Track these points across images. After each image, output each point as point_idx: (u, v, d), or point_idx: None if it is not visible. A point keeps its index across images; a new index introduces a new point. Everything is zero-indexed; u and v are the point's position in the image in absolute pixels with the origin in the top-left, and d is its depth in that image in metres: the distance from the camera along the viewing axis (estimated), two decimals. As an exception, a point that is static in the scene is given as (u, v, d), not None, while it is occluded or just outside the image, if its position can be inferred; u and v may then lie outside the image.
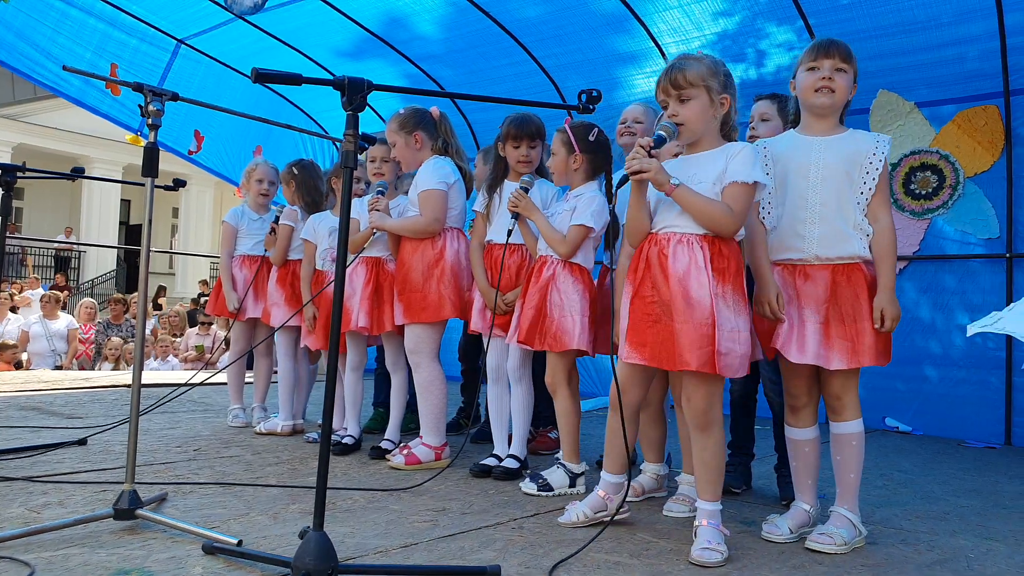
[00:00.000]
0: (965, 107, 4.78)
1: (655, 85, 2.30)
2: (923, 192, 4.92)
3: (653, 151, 2.18)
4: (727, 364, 2.11)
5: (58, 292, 9.69)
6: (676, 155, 2.48)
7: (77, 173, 3.43)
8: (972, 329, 1.35)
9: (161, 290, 15.02)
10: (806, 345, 2.29)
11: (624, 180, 2.20)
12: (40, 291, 12.68)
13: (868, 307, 2.26)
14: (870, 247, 2.32)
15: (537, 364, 3.20)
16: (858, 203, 2.31)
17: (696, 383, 2.20)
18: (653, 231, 2.27)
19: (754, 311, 2.34)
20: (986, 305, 4.69)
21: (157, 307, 9.31)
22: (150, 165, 2.23)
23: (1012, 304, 1.22)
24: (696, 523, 2.21)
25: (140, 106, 2.23)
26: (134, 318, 9.12)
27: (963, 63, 4.66)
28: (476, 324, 3.20)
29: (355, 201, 3.55)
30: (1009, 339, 4.59)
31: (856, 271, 2.30)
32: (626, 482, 2.39)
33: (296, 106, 7.49)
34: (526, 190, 3.01)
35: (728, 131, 2.31)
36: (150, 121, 2.24)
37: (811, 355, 2.28)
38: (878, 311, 2.24)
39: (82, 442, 3.48)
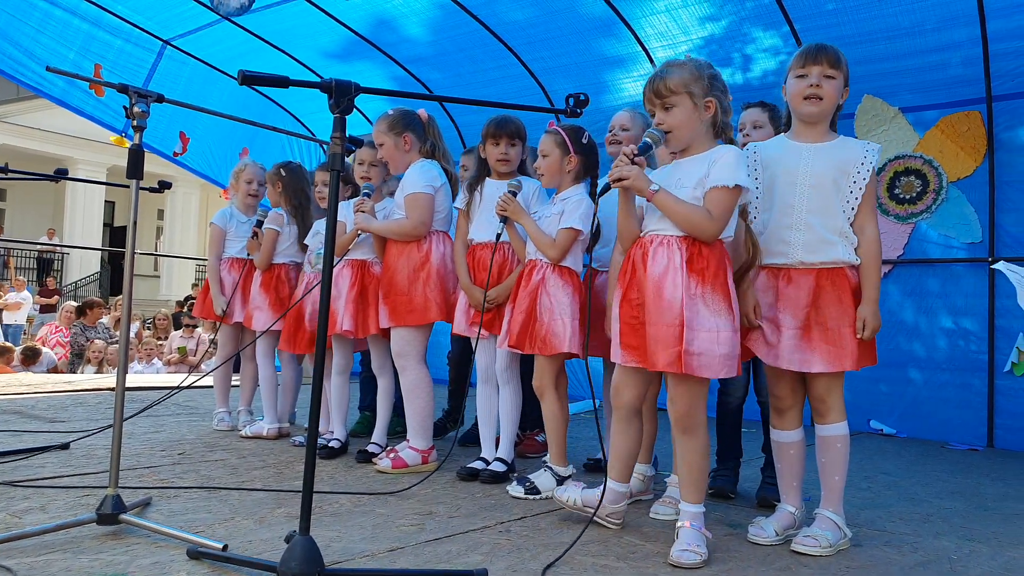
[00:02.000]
0: (948, 112, 4.83)
1: (642, 89, 2.32)
2: (907, 197, 4.96)
3: (637, 158, 2.21)
4: (701, 364, 2.11)
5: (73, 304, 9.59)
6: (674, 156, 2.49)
7: (60, 174, 3.40)
8: (1002, 267, 1.36)
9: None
10: (781, 349, 2.32)
11: (606, 188, 2.24)
12: (27, 294, 12.58)
13: (852, 312, 2.28)
14: (856, 252, 2.33)
15: (525, 366, 3.20)
16: (843, 211, 2.32)
17: (676, 384, 2.21)
18: (641, 235, 2.30)
19: None
20: (969, 308, 4.74)
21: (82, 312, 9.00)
22: (135, 167, 2.21)
23: None
24: (679, 524, 2.22)
25: (125, 107, 2.21)
26: (112, 321, 9.06)
27: (947, 69, 4.71)
28: (459, 325, 3.19)
29: (341, 204, 3.54)
30: (991, 342, 4.64)
31: (840, 276, 2.32)
32: (602, 488, 2.41)
33: (283, 108, 7.46)
34: (514, 194, 3.02)
35: (720, 132, 2.31)
36: (135, 123, 2.22)
37: (785, 360, 2.31)
38: (860, 321, 2.27)
39: (65, 446, 3.44)
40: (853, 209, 2.33)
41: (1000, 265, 1.28)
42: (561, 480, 2.89)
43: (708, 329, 2.12)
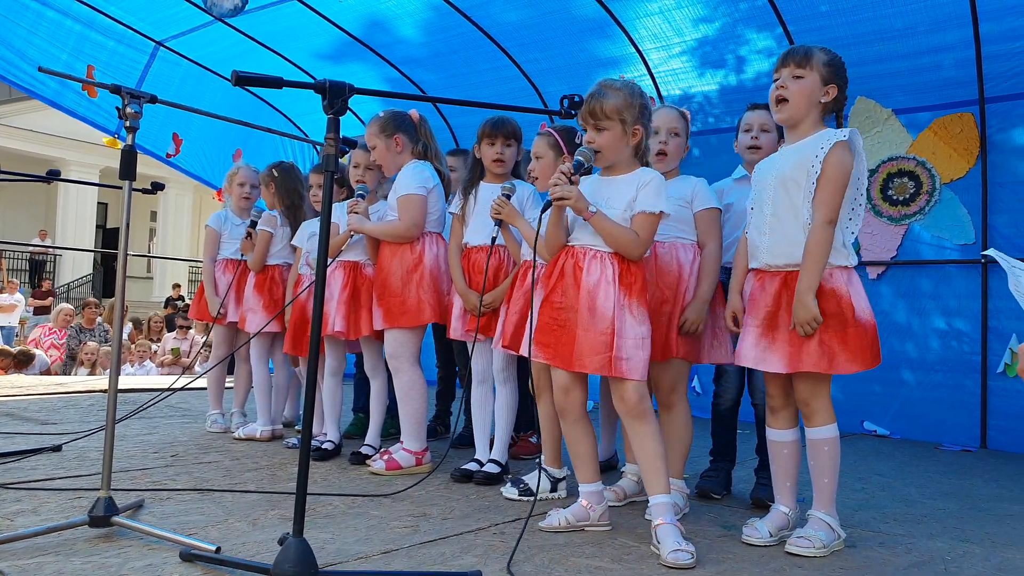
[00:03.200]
0: (941, 114, 4.85)
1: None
2: (900, 198, 4.98)
3: (574, 176, 2.34)
4: (629, 368, 2.27)
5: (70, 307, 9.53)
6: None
7: (52, 176, 3.38)
8: (993, 254, 1.36)
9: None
10: (742, 348, 2.40)
11: (548, 205, 2.36)
12: (20, 296, 12.51)
13: (817, 313, 2.28)
14: (844, 252, 2.34)
15: (521, 367, 3.20)
16: (808, 206, 2.30)
17: (620, 383, 2.32)
18: (570, 244, 2.41)
19: (684, 313, 2.67)
20: (962, 309, 4.76)
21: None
22: (127, 168, 2.20)
23: None
24: (652, 523, 2.24)
25: (117, 108, 2.20)
26: (107, 323, 9.01)
27: (939, 71, 4.73)
28: (456, 330, 3.18)
29: (335, 206, 3.53)
30: (984, 343, 4.66)
31: None
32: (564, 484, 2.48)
33: (276, 109, 7.45)
34: (508, 196, 3.01)
35: (642, 156, 2.44)
36: (127, 123, 2.21)
37: (745, 358, 2.38)
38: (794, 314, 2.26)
39: (57, 448, 3.42)
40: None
41: (991, 252, 1.28)
42: (555, 482, 2.89)
43: (634, 336, 2.29)
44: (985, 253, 1.46)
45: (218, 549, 2.02)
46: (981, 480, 3.66)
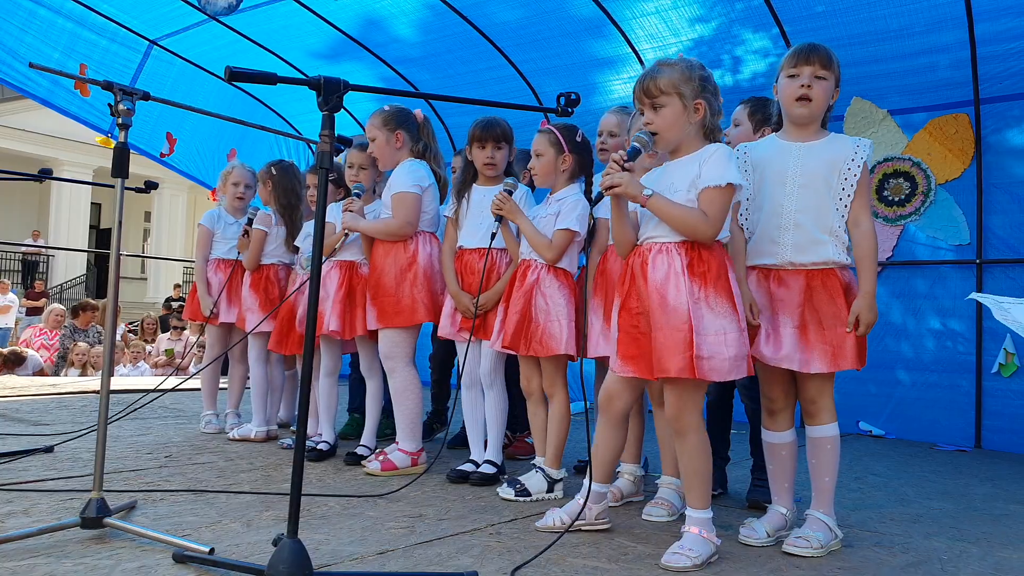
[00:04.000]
0: (936, 115, 4.86)
1: (632, 89, 2.30)
2: (896, 199, 4.98)
3: (628, 164, 2.18)
4: (712, 368, 2.09)
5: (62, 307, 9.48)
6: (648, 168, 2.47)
7: (44, 174, 3.36)
8: (979, 297, 1.35)
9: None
10: (782, 349, 2.31)
11: (599, 197, 2.21)
12: (13, 297, 12.44)
13: (845, 312, 2.28)
14: (848, 252, 2.33)
15: (510, 369, 3.18)
16: (836, 209, 2.31)
17: (668, 388, 2.20)
18: (638, 243, 2.27)
19: None
20: (957, 310, 4.77)
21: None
22: (120, 166, 2.17)
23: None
24: (684, 528, 2.20)
25: (110, 105, 2.18)
26: (99, 324, 8.96)
27: (935, 72, 4.74)
28: (445, 329, 3.17)
29: (331, 205, 3.51)
30: (979, 342, 4.67)
31: (831, 276, 2.31)
32: (587, 490, 2.39)
33: (271, 109, 7.42)
34: (510, 192, 2.99)
35: (711, 133, 2.27)
36: (120, 120, 2.19)
37: (786, 359, 2.30)
38: (854, 315, 2.26)
39: (49, 449, 3.39)
40: (847, 207, 2.32)
41: (975, 296, 1.28)
42: (552, 483, 2.88)
43: (715, 332, 2.10)
44: (969, 298, 1.46)
45: (212, 550, 2.00)
46: (976, 480, 3.66)
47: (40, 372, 7.99)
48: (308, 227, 3.85)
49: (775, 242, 2.34)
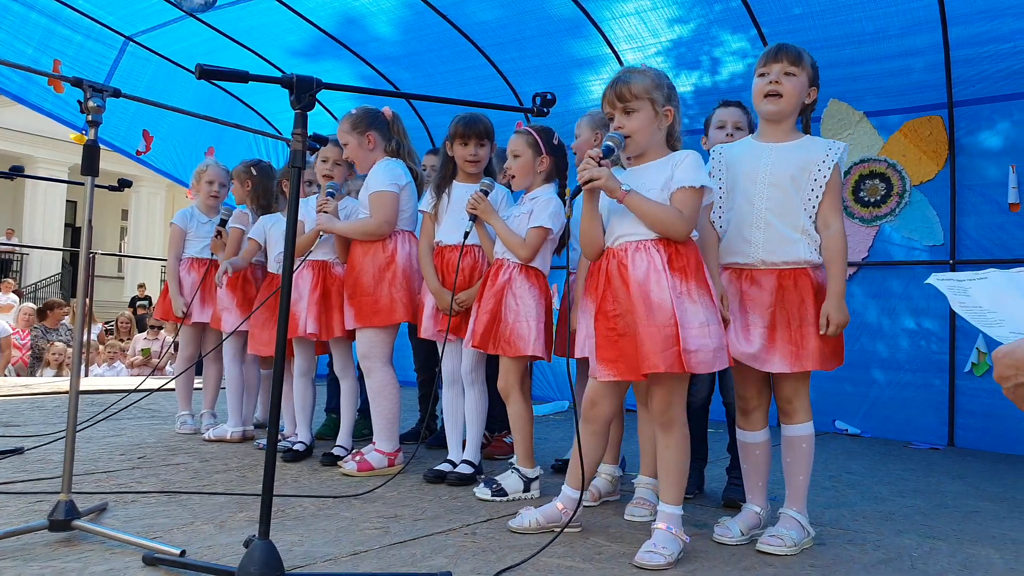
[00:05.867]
0: (911, 117, 4.92)
1: (602, 93, 2.32)
2: (872, 200, 5.03)
3: (603, 161, 2.19)
4: (699, 360, 2.11)
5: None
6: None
7: (15, 172, 3.31)
8: (937, 279, 1.35)
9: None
10: (751, 347, 2.33)
11: (577, 190, 2.21)
12: (13, 296, 12.21)
13: (814, 312, 2.29)
14: (820, 252, 2.34)
15: (490, 368, 3.18)
16: (805, 209, 2.33)
17: (655, 384, 2.21)
18: (609, 245, 2.28)
19: None
20: (931, 310, 4.82)
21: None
22: (90, 163, 2.15)
23: (987, 272, 1.19)
24: (654, 524, 2.21)
25: (79, 102, 2.15)
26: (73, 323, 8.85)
27: (910, 74, 4.79)
28: (427, 329, 3.16)
29: (302, 202, 3.49)
30: (952, 343, 4.73)
31: (803, 276, 2.32)
32: (579, 497, 2.39)
33: (249, 107, 7.36)
34: (486, 193, 2.99)
35: (673, 142, 2.33)
36: (90, 118, 2.15)
37: (751, 358, 2.32)
38: (824, 316, 2.27)
39: (19, 451, 3.34)
40: (815, 207, 2.33)
41: (932, 279, 1.29)
42: (528, 482, 2.88)
43: (699, 324, 2.12)
44: (928, 282, 1.46)
45: (183, 552, 1.98)
46: (948, 478, 3.70)
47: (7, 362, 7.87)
48: (267, 220, 3.82)
49: (747, 241, 2.36)
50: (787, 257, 2.32)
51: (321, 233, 3.35)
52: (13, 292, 12.49)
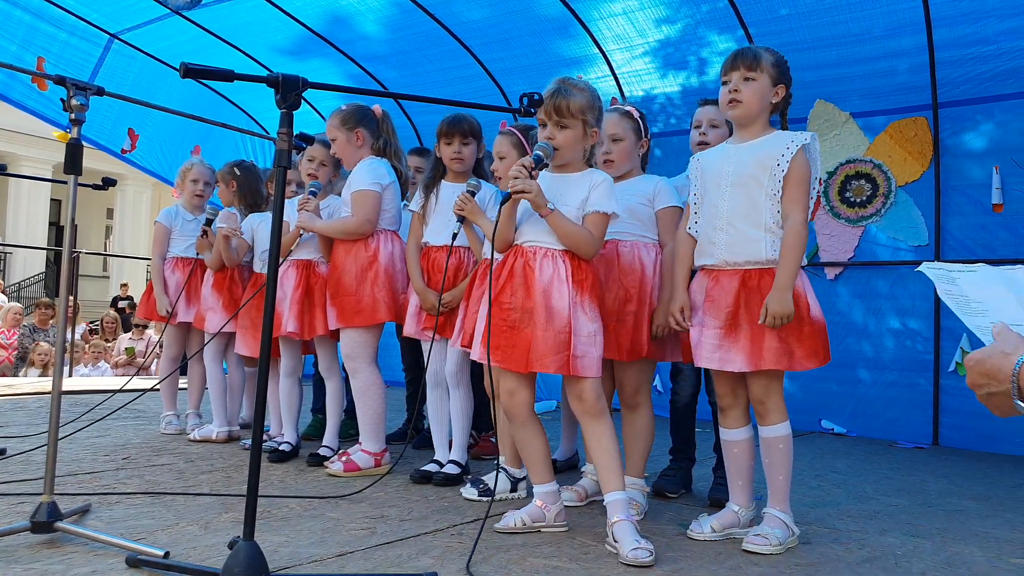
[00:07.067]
0: (896, 118, 4.95)
1: (544, 95, 2.38)
2: (857, 200, 5.06)
3: (534, 171, 2.31)
4: (584, 365, 2.28)
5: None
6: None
7: (-2, 170, 3.28)
8: (926, 268, 1.35)
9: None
10: (700, 349, 2.38)
11: (507, 198, 2.33)
12: (2, 297, 12.09)
13: None
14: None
15: (475, 368, 3.17)
16: (773, 205, 2.33)
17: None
18: (519, 243, 2.39)
19: (654, 317, 2.61)
20: (916, 309, 4.86)
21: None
22: (73, 162, 2.13)
23: (978, 265, 1.20)
24: (609, 520, 2.23)
25: (62, 100, 2.13)
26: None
27: (895, 76, 4.83)
28: (410, 328, 3.15)
29: (288, 203, 3.47)
30: (937, 342, 4.76)
31: (767, 276, 2.32)
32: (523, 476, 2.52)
33: (236, 105, 7.32)
34: (473, 193, 2.99)
35: (589, 158, 2.45)
36: (73, 116, 2.14)
37: (704, 359, 2.37)
38: (764, 307, 2.26)
39: (1, 452, 3.31)
40: (780, 201, 2.33)
41: (923, 267, 1.29)
42: (515, 482, 2.87)
43: (587, 334, 2.29)
44: (918, 270, 1.46)
45: (167, 554, 1.97)
46: (933, 477, 3.73)
47: None
48: (251, 219, 3.81)
49: (712, 243, 2.40)
50: (749, 256, 2.34)
51: (303, 232, 3.34)
52: (-3, 291, 12.38)
